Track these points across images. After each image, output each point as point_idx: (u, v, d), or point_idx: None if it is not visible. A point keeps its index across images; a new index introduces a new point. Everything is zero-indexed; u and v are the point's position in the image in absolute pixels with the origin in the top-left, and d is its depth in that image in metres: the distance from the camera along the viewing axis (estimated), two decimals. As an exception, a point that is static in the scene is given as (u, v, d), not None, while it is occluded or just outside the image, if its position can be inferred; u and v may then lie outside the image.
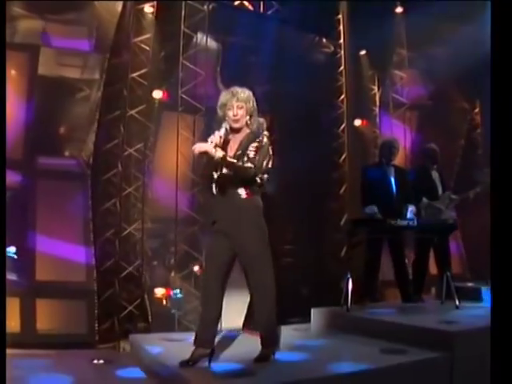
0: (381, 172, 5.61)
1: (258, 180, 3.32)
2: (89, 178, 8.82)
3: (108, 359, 4.35)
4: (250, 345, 3.58)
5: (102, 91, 8.72)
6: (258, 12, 8.34)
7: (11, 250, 7.60)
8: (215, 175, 3.32)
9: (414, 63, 10.03)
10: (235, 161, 3.24)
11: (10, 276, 7.62)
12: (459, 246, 9.88)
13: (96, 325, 8.32)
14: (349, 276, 4.98)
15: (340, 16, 9.06)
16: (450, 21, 8.91)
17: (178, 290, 8.89)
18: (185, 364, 3.15)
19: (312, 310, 5.03)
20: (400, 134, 10.24)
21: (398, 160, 10.10)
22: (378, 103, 10.48)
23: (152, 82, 7.34)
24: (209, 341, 3.26)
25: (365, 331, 4.26)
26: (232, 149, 3.37)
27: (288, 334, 4.28)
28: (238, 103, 3.37)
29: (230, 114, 3.38)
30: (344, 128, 9.21)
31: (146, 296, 8.95)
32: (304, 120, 9.28)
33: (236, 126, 3.39)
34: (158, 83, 7.53)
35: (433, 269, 6.10)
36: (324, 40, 9.30)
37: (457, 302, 4.95)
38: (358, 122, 9.75)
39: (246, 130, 3.43)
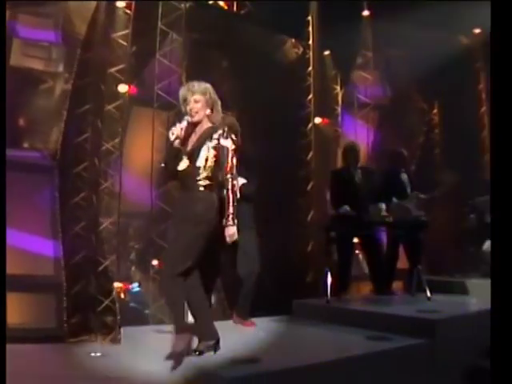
0: (348, 175, 5.90)
1: (219, 178, 3.35)
2: (56, 171, 8.74)
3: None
4: (244, 333, 3.77)
5: (72, 84, 8.68)
6: (231, 11, 8.46)
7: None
8: (178, 168, 3.36)
9: (379, 65, 10.38)
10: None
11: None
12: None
13: (65, 319, 8.36)
14: (328, 270, 5.24)
15: (310, 17, 9.28)
16: (414, 25, 9.24)
17: (135, 284, 8.97)
18: (191, 353, 3.27)
19: (293, 302, 5.27)
20: (362, 133, 10.67)
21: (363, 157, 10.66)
22: (340, 103, 10.80)
23: (128, 77, 7.33)
24: (212, 333, 3.36)
25: (347, 321, 4.53)
26: (193, 141, 3.41)
27: (274, 325, 4.50)
28: (195, 97, 3.40)
29: (188, 108, 3.43)
30: (311, 127, 9.46)
31: (114, 290, 9.01)
32: (272, 118, 9.50)
33: (194, 119, 3.42)
34: (134, 79, 7.53)
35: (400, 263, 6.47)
36: (293, 40, 9.48)
37: (428, 294, 5.30)
38: (318, 120, 10.00)
39: (207, 124, 3.47)
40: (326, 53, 10.15)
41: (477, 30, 10.28)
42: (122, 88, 8.08)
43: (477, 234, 6.86)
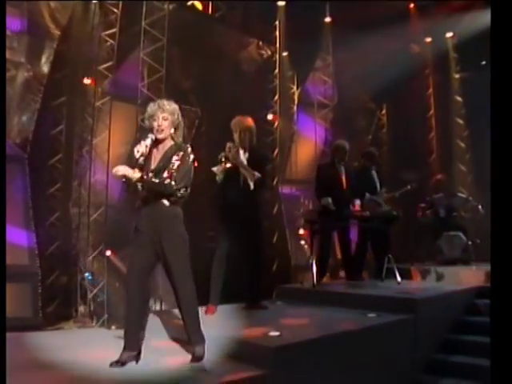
0: (334, 170, 6.47)
1: (179, 193, 3.39)
2: (26, 161, 8.83)
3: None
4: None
5: (48, 77, 8.83)
6: (206, 14, 8.88)
7: None
8: (139, 187, 3.39)
9: (336, 68, 11.07)
10: (154, 180, 3.36)
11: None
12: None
13: (40, 308, 8.53)
14: (312, 258, 5.84)
15: (277, 22, 9.84)
16: (371, 32, 9.92)
17: (87, 274, 9.21)
18: (114, 365, 3.23)
19: (277, 288, 5.83)
20: (315, 131, 11.37)
21: (315, 153, 11.33)
22: (296, 101, 11.42)
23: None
24: (134, 344, 3.32)
25: (334, 303, 5.12)
26: (156, 159, 3.45)
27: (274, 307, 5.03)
28: (164, 114, 3.45)
29: (155, 124, 3.45)
30: (277, 126, 10.05)
31: (85, 280, 9.24)
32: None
33: (160, 136, 3.45)
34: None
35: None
36: (261, 43, 10.02)
37: (398, 279, 6.01)
38: (270, 117, 10.41)
39: (171, 142, 3.51)
40: (285, 54, 10.72)
41: (428, 39, 11.12)
42: (85, 81, 8.46)
43: (433, 228, 7.69)
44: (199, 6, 8.76)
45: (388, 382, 4.16)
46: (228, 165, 4.70)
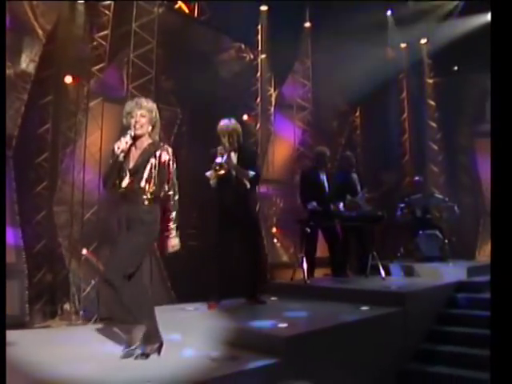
0: (317, 176, 6.78)
1: (161, 195, 3.49)
2: (10, 159, 8.83)
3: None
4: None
5: (34, 76, 8.87)
6: (192, 17, 9.08)
7: None
8: (122, 184, 3.46)
9: (313, 71, 11.40)
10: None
11: None
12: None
13: (27, 305, 8.58)
14: (303, 256, 6.15)
15: (259, 26, 10.11)
16: (349, 37, 10.26)
17: None
18: (139, 357, 3.34)
19: (270, 284, 6.10)
20: (291, 132, 11.68)
21: (291, 154, 11.63)
22: (273, 103, 11.71)
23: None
24: (157, 336, 3.46)
25: (326, 297, 5.41)
26: (134, 157, 3.49)
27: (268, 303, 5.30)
28: (141, 111, 3.49)
29: (133, 121, 3.48)
30: (259, 127, 10.32)
31: (70, 278, 9.31)
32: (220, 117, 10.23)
33: (138, 132, 3.48)
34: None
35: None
36: (243, 46, 10.27)
37: (383, 275, 6.36)
38: (245, 117, 10.61)
39: (148, 140, 3.56)
40: (263, 56, 10.97)
41: (403, 45, 11.56)
42: (67, 79, 8.56)
43: (411, 226, 8.09)
44: (185, 8, 8.94)
45: (381, 369, 4.48)
46: (222, 172, 4.89)
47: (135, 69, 7.82)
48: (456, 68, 11.36)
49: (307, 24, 10.82)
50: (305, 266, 6.04)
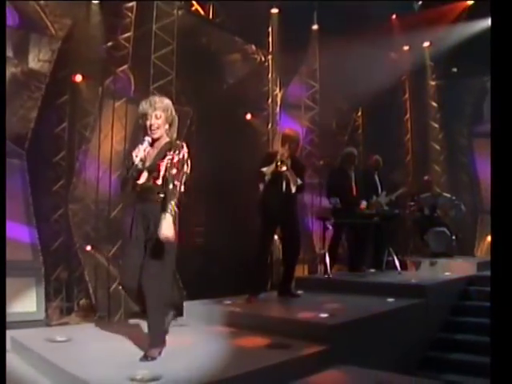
0: (345, 175, 7.05)
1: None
2: (24, 157, 9.01)
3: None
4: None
5: (50, 75, 9.07)
6: (207, 19, 9.34)
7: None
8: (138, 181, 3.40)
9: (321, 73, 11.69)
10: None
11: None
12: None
13: (45, 302, 8.77)
14: (326, 251, 6.44)
15: (270, 28, 10.38)
16: (355, 40, 10.49)
17: None
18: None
19: (295, 278, 6.37)
20: (299, 131, 11.93)
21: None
22: (278, 103, 11.97)
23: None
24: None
25: (349, 290, 5.70)
26: (150, 157, 3.40)
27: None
28: (156, 112, 3.36)
29: (148, 123, 3.38)
30: (270, 127, 10.60)
31: (86, 274, 9.53)
32: (233, 117, 10.49)
33: (155, 136, 3.40)
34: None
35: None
36: (254, 48, 10.54)
37: (399, 269, 6.67)
38: (248, 116, 11.04)
39: (166, 139, 3.46)
40: (269, 57, 11.24)
41: (405, 48, 11.89)
42: (78, 78, 8.81)
43: (421, 224, 8.42)
44: (201, 11, 9.20)
45: (405, 356, 4.77)
46: (284, 168, 5.21)
47: (155, 70, 8.02)
48: (455, 70, 11.72)
49: (315, 26, 11.05)
50: (327, 260, 6.30)
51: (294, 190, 5.32)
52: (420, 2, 10.86)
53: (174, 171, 3.29)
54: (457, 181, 11.34)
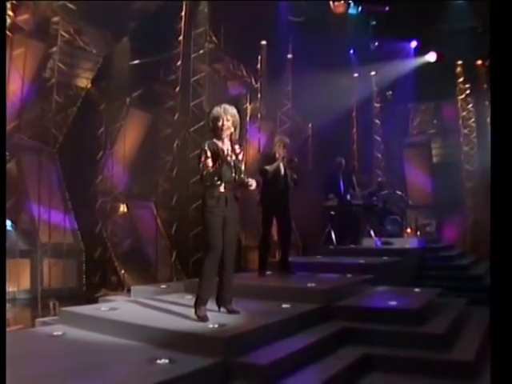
0: (337, 178, 9.60)
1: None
2: (56, 155, 10.63)
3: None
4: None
5: (91, 84, 11.09)
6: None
7: (8, 223, 8.73)
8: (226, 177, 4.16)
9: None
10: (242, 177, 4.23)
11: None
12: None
13: (84, 280, 10.59)
14: (330, 230, 9.05)
15: (260, 57, 12.98)
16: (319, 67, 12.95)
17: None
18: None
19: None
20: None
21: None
22: (248, 115, 14.38)
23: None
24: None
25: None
26: (229, 155, 4.14)
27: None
28: (227, 116, 4.15)
29: (220, 124, 4.13)
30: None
31: (112, 255, 11.40)
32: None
33: (224, 134, 4.15)
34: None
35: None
36: (245, 72, 13.07)
37: (378, 243, 9.52)
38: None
39: (229, 141, 4.21)
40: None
41: (355, 74, 14.89)
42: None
43: (380, 214, 11.31)
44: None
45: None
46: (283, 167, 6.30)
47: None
48: (390, 93, 14.90)
49: (289, 55, 13.72)
50: (333, 236, 8.92)
51: (292, 184, 6.43)
52: (376, 43, 13.81)
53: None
54: (390, 182, 14.38)
